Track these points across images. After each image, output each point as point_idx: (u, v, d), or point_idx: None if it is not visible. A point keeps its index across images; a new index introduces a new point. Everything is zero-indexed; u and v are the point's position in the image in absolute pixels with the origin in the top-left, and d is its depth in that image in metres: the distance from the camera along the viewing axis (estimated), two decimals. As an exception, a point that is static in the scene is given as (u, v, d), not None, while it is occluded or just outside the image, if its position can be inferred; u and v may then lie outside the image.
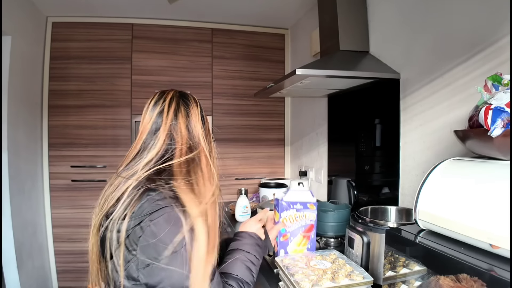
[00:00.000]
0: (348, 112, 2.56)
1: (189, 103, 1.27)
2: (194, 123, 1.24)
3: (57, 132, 3.29)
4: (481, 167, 0.95)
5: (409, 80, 1.86)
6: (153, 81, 3.44)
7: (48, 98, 3.28)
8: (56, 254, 3.32)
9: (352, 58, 2.12)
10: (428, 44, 1.72)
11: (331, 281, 1.25)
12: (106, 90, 3.36)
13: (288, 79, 1.89)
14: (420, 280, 0.96)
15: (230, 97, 3.64)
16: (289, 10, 3.29)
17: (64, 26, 3.30)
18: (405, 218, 1.69)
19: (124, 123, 3.40)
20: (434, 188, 1.03)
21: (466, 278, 0.79)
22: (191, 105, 1.26)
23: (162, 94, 1.28)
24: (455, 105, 1.54)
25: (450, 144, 1.55)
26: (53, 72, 3.28)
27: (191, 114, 1.25)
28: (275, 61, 3.78)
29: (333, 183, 2.72)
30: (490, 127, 0.90)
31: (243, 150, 3.69)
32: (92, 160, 3.36)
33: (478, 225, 0.84)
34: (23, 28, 2.86)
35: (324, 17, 2.34)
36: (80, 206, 3.32)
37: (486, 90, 1.00)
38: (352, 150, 2.48)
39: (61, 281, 3.34)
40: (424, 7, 1.74)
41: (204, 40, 3.58)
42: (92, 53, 3.34)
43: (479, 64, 1.40)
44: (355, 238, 1.53)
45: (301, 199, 1.63)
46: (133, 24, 3.41)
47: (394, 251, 1.07)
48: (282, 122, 3.83)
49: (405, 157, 1.90)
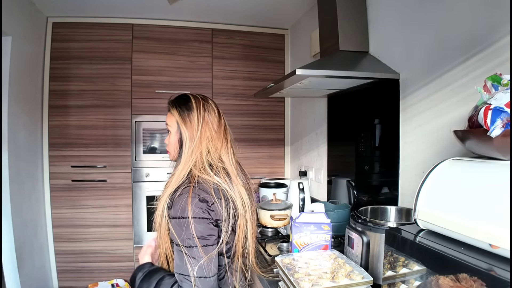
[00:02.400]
0: (348, 112, 2.57)
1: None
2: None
3: (57, 132, 3.30)
4: (481, 167, 0.95)
5: (409, 80, 1.86)
6: (153, 81, 3.44)
7: (49, 98, 3.28)
8: (56, 254, 3.32)
9: (352, 59, 2.12)
10: (428, 44, 1.72)
11: (331, 281, 1.25)
12: (106, 90, 3.36)
13: (288, 79, 1.89)
14: (420, 280, 0.96)
15: (230, 97, 3.64)
16: (289, 11, 3.30)
17: (65, 27, 3.30)
18: (405, 218, 1.69)
19: (124, 123, 3.40)
20: (434, 188, 1.03)
21: (466, 278, 0.79)
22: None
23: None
24: (454, 105, 1.54)
25: (449, 144, 1.56)
26: (53, 72, 3.28)
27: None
28: (275, 61, 3.78)
29: (333, 183, 2.73)
30: (489, 127, 0.90)
31: (243, 150, 3.68)
32: (92, 160, 3.36)
33: (477, 225, 0.84)
34: (24, 29, 2.86)
35: (324, 18, 2.34)
36: (81, 206, 3.33)
37: (486, 90, 1.00)
38: (352, 150, 2.48)
39: (61, 281, 3.35)
40: (423, 7, 1.75)
41: (204, 40, 3.58)
42: (92, 53, 3.34)
43: (478, 64, 1.40)
44: (354, 238, 1.54)
45: (315, 220, 1.64)
46: (134, 25, 3.41)
47: (394, 251, 1.08)
48: (282, 122, 3.84)
49: (404, 157, 1.90)
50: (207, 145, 1.36)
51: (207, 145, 1.36)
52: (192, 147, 1.33)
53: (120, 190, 3.41)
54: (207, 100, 1.46)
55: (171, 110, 1.43)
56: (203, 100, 1.44)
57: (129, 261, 3.42)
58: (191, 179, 1.29)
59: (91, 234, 3.36)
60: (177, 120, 1.39)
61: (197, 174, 1.29)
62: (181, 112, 1.39)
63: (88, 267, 3.37)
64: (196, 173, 1.30)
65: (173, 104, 1.43)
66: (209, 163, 1.34)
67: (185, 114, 1.38)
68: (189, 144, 1.34)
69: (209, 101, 1.46)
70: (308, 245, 1.63)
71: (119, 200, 3.40)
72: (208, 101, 1.45)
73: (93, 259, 3.37)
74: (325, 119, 2.90)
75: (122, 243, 3.41)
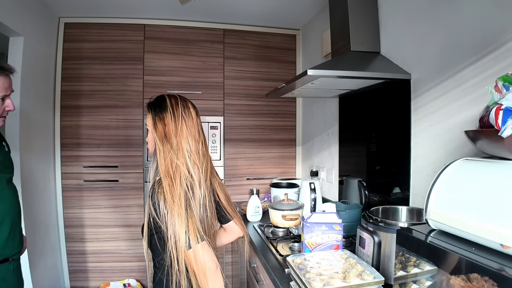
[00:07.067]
0: (359, 113, 2.57)
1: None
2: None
3: (69, 132, 3.33)
4: (492, 167, 0.95)
5: (420, 80, 1.86)
6: (165, 82, 3.47)
7: (61, 99, 3.32)
8: (68, 254, 3.35)
9: (363, 59, 2.12)
10: (439, 44, 1.72)
11: (342, 280, 1.25)
12: (118, 91, 3.40)
13: (299, 79, 1.90)
14: (431, 280, 0.96)
15: (241, 98, 3.66)
16: (300, 11, 3.30)
17: (77, 27, 3.34)
18: (416, 218, 1.69)
19: (136, 123, 3.43)
20: (445, 188, 1.03)
21: (477, 278, 0.79)
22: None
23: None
24: (465, 106, 1.54)
25: (460, 144, 1.55)
26: (65, 73, 3.32)
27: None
28: (287, 61, 3.78)
29: (344, 183, 2.72)
30: (500, 127, 0.90)
31: (254, 151, 3.70)
32: (104, 161, 3.39)
33: (489, 225, 0.84)
34: (36, 29, 2.89)
35: (335, 18, 2.35)
36: (93, 206, 3.36)
37: (497, 90, 1.00)
38: (363, 150, 2.48)
39: (73, 280, 3.38)
40: (435, 8, 1.74)
41: (216, 41, 3.60)
42: (104, 54, 3.37)
43: (489, 64, 1.40)
44: (366, 238, 1.54)
45: (326, 220, 1.64)
46: (145, 25, 3.44)
47: (405, 251, 1.08)
48: (294, 123, 3.84)
49: (416, 157, 1.90)
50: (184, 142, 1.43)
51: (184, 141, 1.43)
52: (165, 145, 1.41)
53: (132, 190, 3.43)
54: (185, 100, 1.53)
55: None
56: (181, 100, 1.51)
57: (141, 261, 3.44)
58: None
59: (103, 234, 3.39)
60: (151, 120, 1.47)
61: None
62: (156, 112, 1.47)
63: (100, 267, 3.40)
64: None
65: (149, 105, 1.52)
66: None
67: (159, 114, 1.47)
68: (161, 142, 1.42)
69: (186, 100, 1.53)
70: (319, 245, 1.63)
71: (131, 200, 3.43)
72: (185, 101, 1.53)
73: (105, 259, 3.40)
74: (336, 119, 2.90)
75: (134, 243, 3.43)
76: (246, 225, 2.59)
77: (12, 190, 1.89)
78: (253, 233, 2.39)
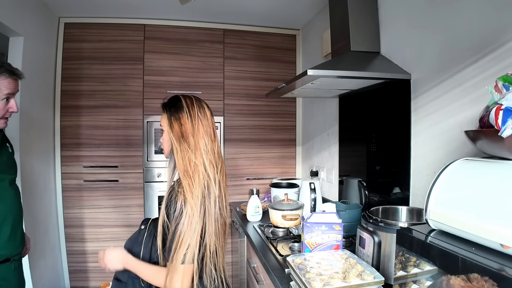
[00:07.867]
0: (359, 113, 2.57)
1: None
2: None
3: (69, 132, 3.33)
4: (492, 167, 0.95)
5: (420, 80, 1.86)
6: (165, 82, 3.47)
7: (61, 99, 3.32)
8: (68, 254, 3.35)
9: (363, 59, 2.12)
10: (439, 44, 1.72)
11: (342, 280, 1.25)
12: (118, 91, 3.40)
13: (299, 79, 1.90)
14: (431, 279, 0.96)
15: (241, 98, 3.66)
16: (300, 11, 3.30)
17: (77, 27, 3.34)
18: (416, 218, 1.69)
19: (136, 123, 3.43)
20: (445, 188, 1.03)
21: (477, 278, 0.79)
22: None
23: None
24: (465, 106, 1.54)
25: (460, 144, 1.55)
26: (65, 73, 3.32)
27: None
28: (287, 61, 3.79)
29: (344, 183, 2.72)
30: (500, 127, 0.90)
31: (254, 151, 3.70)
32: (104, 161, 3.39)
33: (489, 225, 0.84)
34: (36, 29, 2.89)
35: (335, 18, 2.35)
36: (93, 206, 3.36)
37: (497, 90, 1.00)
38: (363, 150, 2.48)
39: (73, 280, 3.38)
40: (435, 7, 1.74)
41: (216, 41, 3.60)
42: (104, 54, 3.38)
43: (489, 64, 1.40)
44: (366, 238, 1.54)
45: (326, 220, 1.64)
46: (145, 25, 3.44)
47: (405, 251, 1.08)
48: (294, 123, 3.84)
49: (416, 157, 1.90)
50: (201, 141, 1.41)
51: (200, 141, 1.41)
52: (182, 144, 1.40)
53: (132, 190, 3.43)
54: (200, 100, 1.51)
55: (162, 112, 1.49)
56: (196, 100, 1.49)
57: (141, 260, 3.42)
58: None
59: (103, 234, 3.39)
60: (167, 120, 1.45)
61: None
62: (171, 113, 1.45)
63: (100, 267, 3.38)
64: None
65: (164, 106, 1.49)
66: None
67: (174, 114, 1.44)
68: (178, 141, 1.40)
69: (201, 101, 1.52)
70: (319, 245, 1.63)
71: (131, 200, 3.43)
72: (200, 101, 1.51)
73: (105, 259, 3.39)
74: (336, 119, 2.90)
75: (134, 243, 3.41)
76: (246, 225, 2.59)
77: (14, 191, 1.89)
78: (253, 233, 2.39)
